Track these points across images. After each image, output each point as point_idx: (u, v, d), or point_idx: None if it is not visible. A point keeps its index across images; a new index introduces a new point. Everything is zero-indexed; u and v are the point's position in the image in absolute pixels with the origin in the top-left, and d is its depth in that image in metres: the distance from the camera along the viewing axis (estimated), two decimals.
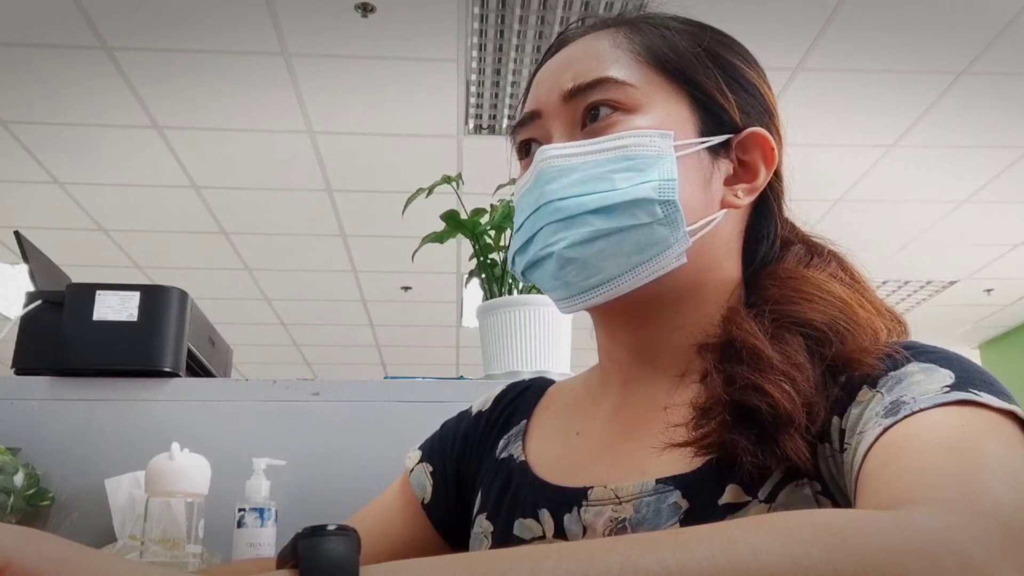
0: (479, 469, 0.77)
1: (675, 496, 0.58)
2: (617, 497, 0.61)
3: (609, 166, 0.62)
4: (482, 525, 0.72)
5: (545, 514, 0.65)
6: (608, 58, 0.66)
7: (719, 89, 0.66)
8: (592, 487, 0.63)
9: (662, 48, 0.67)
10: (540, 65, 0.72)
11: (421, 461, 0.81)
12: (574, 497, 0.64)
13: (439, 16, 2.79)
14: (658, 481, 0.59)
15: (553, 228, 0.63)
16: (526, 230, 0.66)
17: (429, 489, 0.78)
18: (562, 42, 0.71)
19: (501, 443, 0.76)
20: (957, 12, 2.76)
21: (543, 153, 0.65)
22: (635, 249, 0.62)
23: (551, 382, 0.82)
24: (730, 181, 0.66)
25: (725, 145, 0.66)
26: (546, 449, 0.72)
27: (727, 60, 0.68)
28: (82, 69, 3.01)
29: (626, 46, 0.67)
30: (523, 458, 0.72)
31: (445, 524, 0.78)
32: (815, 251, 0.70)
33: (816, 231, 0.73)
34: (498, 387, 0.83)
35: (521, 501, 0.68)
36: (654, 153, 0.62)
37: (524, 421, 0.76)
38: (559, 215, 0.63)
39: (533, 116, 0.69)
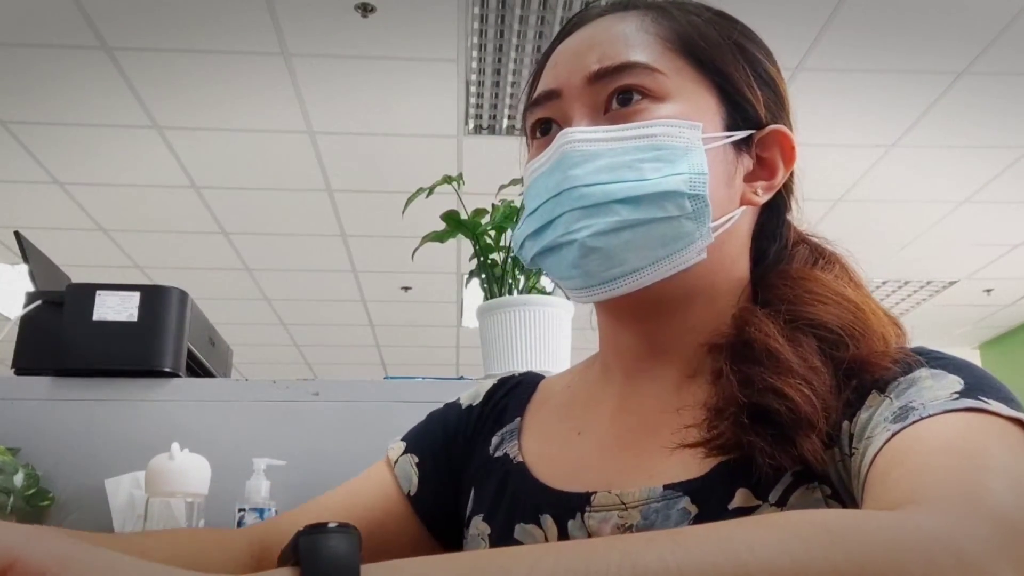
0: (470, 466, 0.74)
1: (684, 502, 0.57)
2: (623, 503, 0.60)
3: (637, 154, 0.61)
4: (478, 527, 0.69)
5: (548, 519, 0.64)
6: (636, 42, 0.64)
7: (747, 83, 0.65)
8: (596, 492, 0.62)
9: (692, 36, 0.65)
10: (556, 43, 0.69)
11: (406, 452, 0.77)
12: (577, 502, 0.62)
13: (439, 16, 2.79)
14: (666, 487, 0.58)
15: (576, 215, 0.61)
16: (543, 214, 0.63)
17: (415, 480, 0.74)
18: (581, 20, 0.69)
19: (494, 440, 0.73)
20: (957, 12, 2.75)
21: (567, 136, 0.62)
22: (660, 242, 0.60)
23: (541, 377, 0.80)
24: (749, 178, 0.65)
25: (747, 140, 0.65)
26: (545, 449, 0.70)
27: (752, 54, 0.67)
28: (82, 69, 3.01)
29: (653, 31, 0.65)
30: (520, 458, 0.70)
31: (432, 517, 0.74)
32: (819, 253, 0.70)
33: (816, 231, 0.72)
34: (488, 381, 0.81)
35: (521, 504, 0.66)
36: (683, 144, 0.61)
37: (518, 419, 0.74)
38: (584, 202, 0.61)
39: (551, 95, 0.66)
